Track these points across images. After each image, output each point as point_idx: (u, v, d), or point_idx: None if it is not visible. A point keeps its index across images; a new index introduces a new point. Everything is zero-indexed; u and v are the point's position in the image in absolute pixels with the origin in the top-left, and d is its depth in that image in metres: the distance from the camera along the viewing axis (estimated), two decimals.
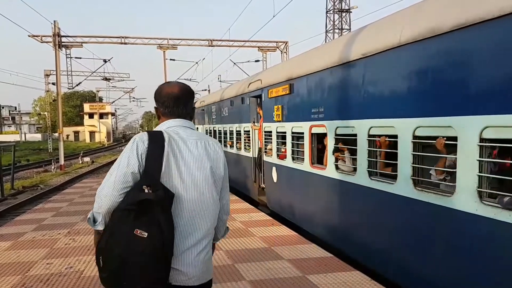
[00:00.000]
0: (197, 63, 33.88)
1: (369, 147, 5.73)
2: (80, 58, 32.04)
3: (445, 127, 4.32)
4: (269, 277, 5.53)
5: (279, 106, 9.05)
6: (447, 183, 4.53)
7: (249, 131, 11.85)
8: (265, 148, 10.30)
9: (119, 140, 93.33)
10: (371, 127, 5.66)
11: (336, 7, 43.85)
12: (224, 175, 2.69)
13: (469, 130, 3.99)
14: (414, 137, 4.76)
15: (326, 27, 44.19)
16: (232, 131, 13.62)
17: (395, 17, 5.55)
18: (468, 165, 4.02)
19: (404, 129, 4.90)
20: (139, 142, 2.43)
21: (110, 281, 2.38)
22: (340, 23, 43.72)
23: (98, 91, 75.93)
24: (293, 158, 8.57)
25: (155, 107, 2.70)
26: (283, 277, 5.52)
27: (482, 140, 3.87)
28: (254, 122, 11.41)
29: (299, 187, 8.43)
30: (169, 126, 2.58)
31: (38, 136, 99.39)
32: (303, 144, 7.99)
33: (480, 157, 3.90)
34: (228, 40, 30.29)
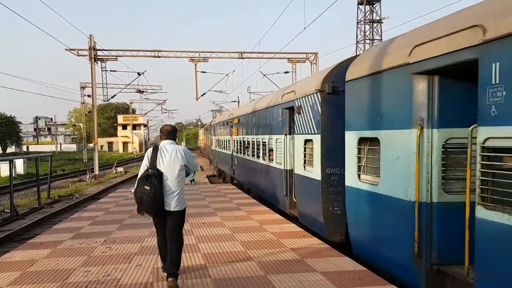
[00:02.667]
0: (227, 75, 34.34)
1: (253, 145, 15.17)
2: (115, 71, 32.98)
3: (270, 138, 12.56)
4: None
5: (236, 128, 19.32)
6: (272, 159, 12.47)
7: (229, 140, 21.73)
8: (234, 148, 20.21)
9: None
10: (253, 138, 15.38)
11: (367, 18, 43.61)
12: (185, 160, 5.79)
13: (275, 138, 12.20)
14: (262, 142, 13.63)
15: (357, 38, 43.98)
16: (224, 140, 24.26)
17: (251, 103, 18.56)
18: (280, 152, 11.47)
19: (261, 139, 13.71)
20: (148, 151, 5.87)
21: (140, 209, 5.69)
22: (371, 33, 43.42)
23: (131, 103, 77.63)
24: (240, 152, 18.09)
25: (159, 134, 6.27)
26: None
27: (277, 141, 12.14)
28: (231, 135, 20.93)
29: (241, 166, 18.10)
30: (163, 143, 5.89)
31: (73, 147, 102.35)
32: (242, 145, 17.48)
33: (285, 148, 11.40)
34: (258, 52, 30.44)
